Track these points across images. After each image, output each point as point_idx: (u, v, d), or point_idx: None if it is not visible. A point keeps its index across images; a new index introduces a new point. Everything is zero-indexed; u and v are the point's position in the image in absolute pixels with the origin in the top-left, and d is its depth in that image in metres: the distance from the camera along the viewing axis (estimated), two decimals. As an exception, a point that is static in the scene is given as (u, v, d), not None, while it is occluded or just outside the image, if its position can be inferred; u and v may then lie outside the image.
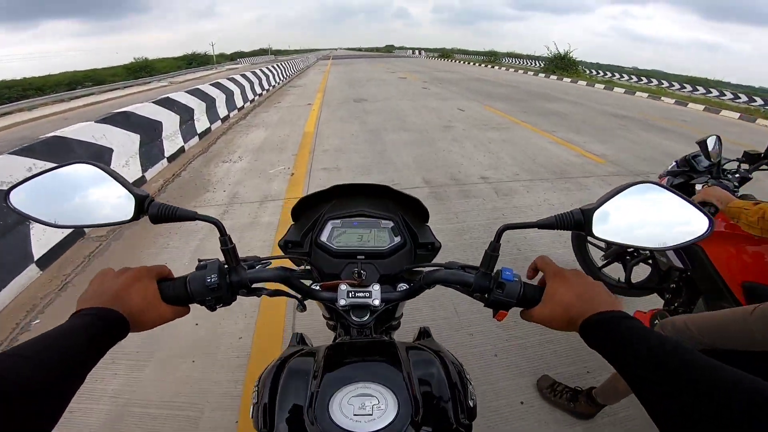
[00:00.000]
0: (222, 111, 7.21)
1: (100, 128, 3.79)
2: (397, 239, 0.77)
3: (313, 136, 5.65)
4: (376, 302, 0.63)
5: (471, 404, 0.56)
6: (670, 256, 1.43)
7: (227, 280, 0.58)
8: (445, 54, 43.34)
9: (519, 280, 0.58)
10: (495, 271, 0.60)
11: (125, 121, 4.23)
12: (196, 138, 5.78)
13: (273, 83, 12.57)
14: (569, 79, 17.76)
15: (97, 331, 0.45)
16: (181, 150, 5.21)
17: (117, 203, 0.55)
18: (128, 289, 0.52)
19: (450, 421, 0.52)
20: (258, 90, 10.29)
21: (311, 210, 0.83)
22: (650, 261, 1.77)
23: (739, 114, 10.26)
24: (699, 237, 0.54)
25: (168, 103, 5.37)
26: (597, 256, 2.15)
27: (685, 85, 25.82)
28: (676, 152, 5.29)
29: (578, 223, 0.55)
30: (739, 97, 21.56)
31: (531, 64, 32.04)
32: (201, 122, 6.13)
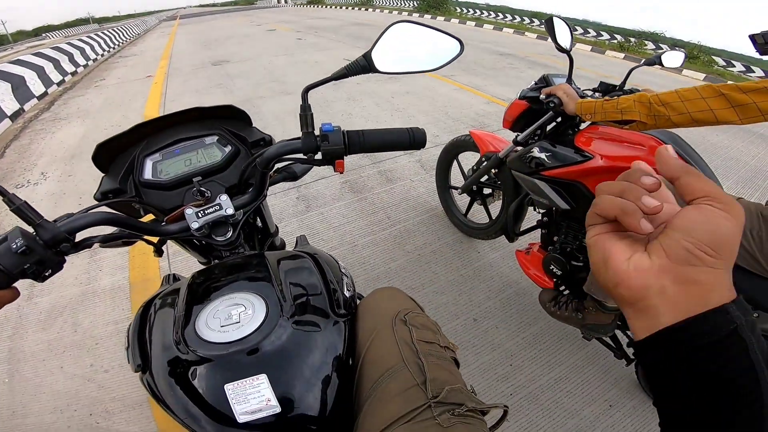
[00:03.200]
0: (9, 105, 4.90)
1: None
2: (228, 148, 0.74)
3: (158, 121, 4.03)
4: (230, 210, 0.62)
5: (347, 295, 0.59)
6: (553, 198, 1.33)
7: (39, 241, 0.49)
8: (314, 0, 39.58)
9: (339, 129, 0.60)
10: (317, 129, 0.60)
11: None
12: (-37, 153, 3.71)
13: (92, 56, 9.49)
14: (443, 18, 17.59)
15: None
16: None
17: None
18: None
19: (325, 311, 0.54)
20: (68, 68, 7.55)
21: (120, 156, 0.74)
22: (502, 200, 1.75)
23: (590, 47, 11.28)
24: (457, 55, 0.64)
25: None
26: (462, 206, 2.15)
27: (532, 19, 28.34)
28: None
29: (364, 67, 0.60)
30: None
31: (403, 4, 31.32)
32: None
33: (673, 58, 1.50)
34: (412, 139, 0.63)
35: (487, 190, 1.91)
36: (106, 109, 4.77)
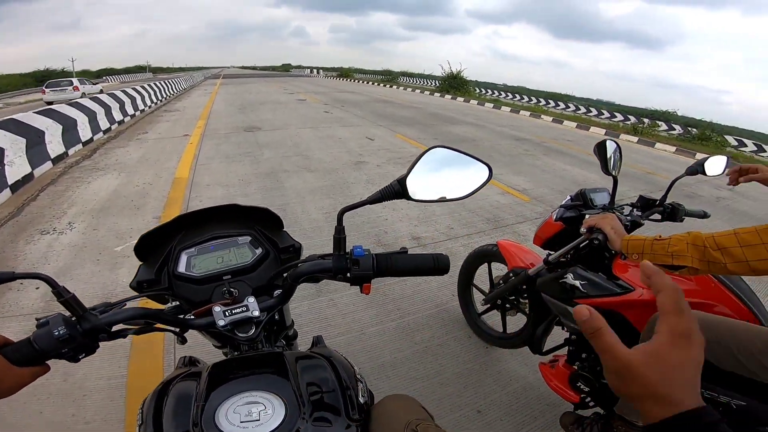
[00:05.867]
0: (55, 148, 5.31)
1: None
2: (259, 251, 0.78)
3: (188, 184, 4.27)
4: (256, 313, 0.65)
5: (362, 401, 0.60)
6: None
7: (79, 330, 0.55)
8: (344, 73, 43.29)
9: (370, 253, 0.66)
10: (348, 251, 0.66)
11: None
12: (6, 191, 3.97)
13: (141, 107, 10.39)
14: (462, 99, 18.80)
15: None
16: (-30, 217, 3.42)
17: None
18: None
19: (341, 417, 0.55)
20: (117, 116, 8.24)
21: (158, 246, 0.78)
22: (527, 312, 1.71)
23: (604, 130, 11.75)
24: (485, 182, 0.69)
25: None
26: (479, 303, 2.06)
27: (548, 100, 29.66)
28: (579, 179, 5.38)
29: (398, 193, 0.65)
30: (579, 109, 24.50)
31: (425, 83, 33.93)
32: (16, 167, 4.30)
33: (715, 166, 1.45)
34: (436, 265, 0.68)
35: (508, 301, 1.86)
36: (142, 164, 5.11)
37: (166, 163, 5.11)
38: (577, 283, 1.27)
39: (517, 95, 31.97)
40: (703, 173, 1.45)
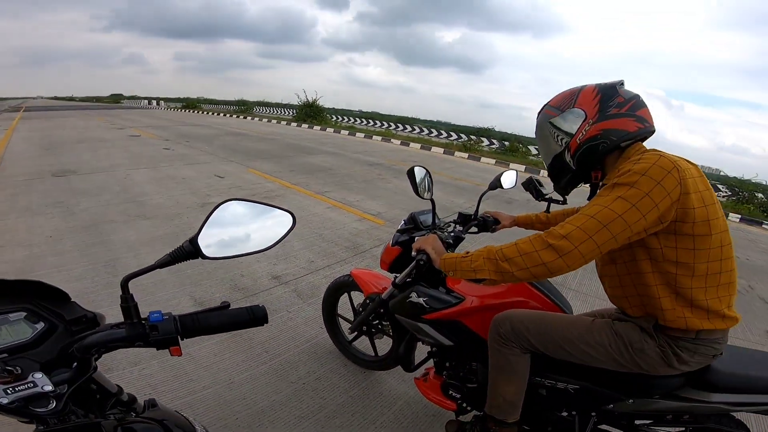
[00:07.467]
0: None
1: None
2: (40, 325, 0.68)
3: (-42, 256, 3.23)
4: (48, 387, 0.59)
5: None
6: (436, 337, 1.40)
7: None
8: (190, 104, 39.38)
9: (171, 316, 0.63)
10: (144, 317, 0.62)
11: None
12: None
13: None
14: (319, 127, 19.35)
15: None
16: None
17: None
18: None
19: None
20: None
21: None
22: (391, 333, 1.78)
23: (443, 149, 13.75)
24: (290, 229, 0.70)
25: None
26: (347, 332, 2.06)
27: (397, 124, 32.40)
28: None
29: (190, 253, 0.62)
30: (423, 131, 26.95)
31: (283, 112, 33.60)
32: None
33: (508, 179, 1.69)
34: (252, 317, 0.66)
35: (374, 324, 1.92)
36: None
37: None
38: (421, 300, 1.37)
39: (371, 120, 34.25)
40: (501, 187, 1.66)
